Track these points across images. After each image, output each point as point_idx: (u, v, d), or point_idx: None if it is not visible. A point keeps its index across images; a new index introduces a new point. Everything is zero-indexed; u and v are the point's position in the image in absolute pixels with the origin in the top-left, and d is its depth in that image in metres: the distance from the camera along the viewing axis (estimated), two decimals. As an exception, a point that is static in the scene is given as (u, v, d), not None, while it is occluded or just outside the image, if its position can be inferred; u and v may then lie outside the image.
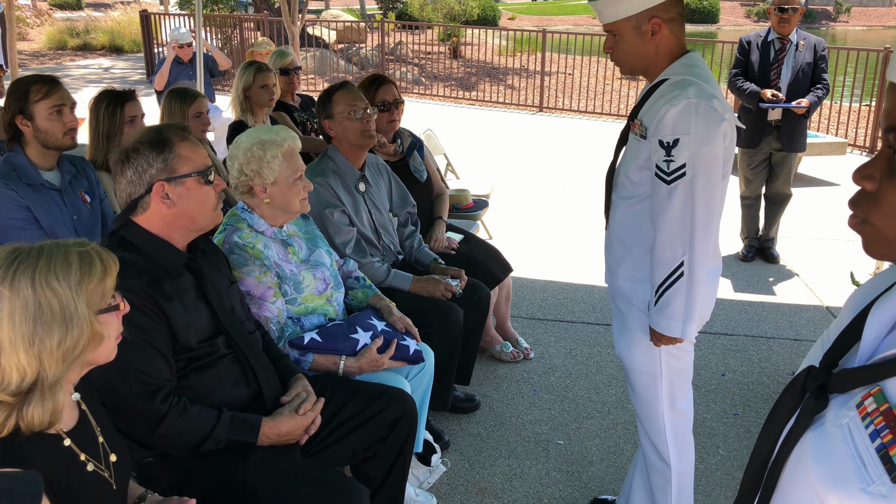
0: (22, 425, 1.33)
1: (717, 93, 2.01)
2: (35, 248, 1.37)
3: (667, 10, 2.03)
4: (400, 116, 3.80)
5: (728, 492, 2.96)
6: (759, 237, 5.60)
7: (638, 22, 2.04)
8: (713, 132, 1.96)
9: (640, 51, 2.08)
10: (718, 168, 2.00)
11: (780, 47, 5.09)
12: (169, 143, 1.96)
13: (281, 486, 1.93)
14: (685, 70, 2.04)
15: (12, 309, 1.30)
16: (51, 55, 16.87)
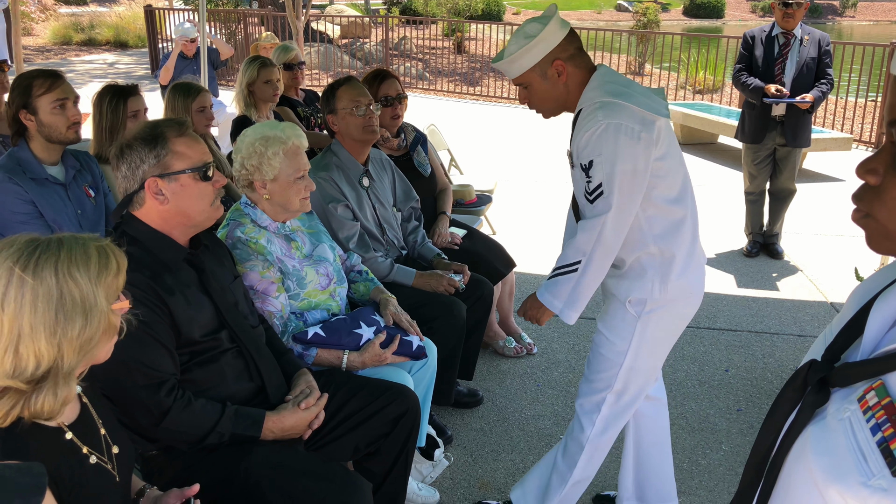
0: (27, 413, 1.33)
1: (630, 102, 2.11)
2: (53, 239, 1.37)
3: (564, 49, 2.18)
4: (403, 111, 3.80)
5: (731, 487, 2.96)
6: (763, 233, 5.59)
7: (542, 69, 2.19)
8: (625, 148, 2.08)
9: (553, 94, 2.24)
10: (637, 181, 2.12)
11: (785, 42, 5.07)
12: (163, 138, 1.95)
13: (284, 480, 1.94)
14: (594, 94, 2.17)
15: (35, 296, 1.30)
16: (56, 50, 16.89)
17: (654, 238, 2.23)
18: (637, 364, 2.36)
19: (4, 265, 1.31)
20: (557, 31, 2.19)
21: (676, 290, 2.28)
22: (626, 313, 2.32)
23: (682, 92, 12.54)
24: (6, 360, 1.30)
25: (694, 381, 3.76)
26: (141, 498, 1.74)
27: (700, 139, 9.28)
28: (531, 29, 2.19)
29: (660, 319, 2.32)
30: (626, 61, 14.19)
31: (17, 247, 1.33)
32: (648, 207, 2.21)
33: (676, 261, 2.25)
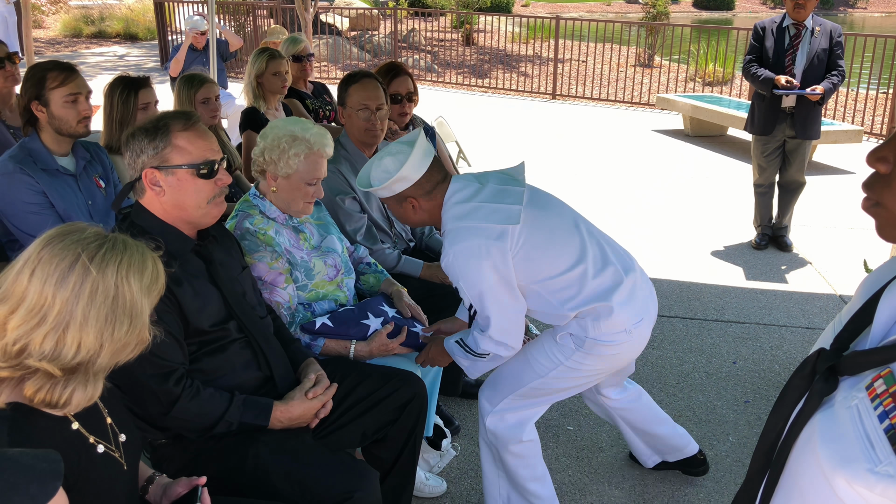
0: (51, 399, 1.35)
1: (475, 220, 2.17)
2: (119, 238, 1.40)
3: (421, 187, 2.25)
4: (412, 109, 3.80)
5: (738, 478, 2.96)
6: (772, 225, 5.57)
7: (398, 200, 2.29)
8: (477, 269, 2.16)
9: (411, 218, 2.33)
10: (504, 287, 2.20)
11: (796, 33, 5.04)
12: (165, 130, 1.95)
13: (292, 468, 1.95)
14: (445, 220, 2.26)
15: (95, 288, 1.33)
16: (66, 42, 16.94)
17: (570, 306, 2.27)
18: (551, 386, 2.40)
19: (72, 248, 1.34)
20: (415, 171, 2.22)
21: (620, 321, 2.27)
22: (562, 344, 2.35)
23: (691, 84, 12.49)
24: (47, 340, 1.31)
25: (701, 373, 3.76)
26: (150, 485, 1.76)
27: (709, 131, 9.24)
28: (390, 164, 2.24)
29: (597, 353, 2.31)
30: (636, 53, 14.14)
31: (87, 235, 1.36)
32: (545, 287, 2.26)
33: (605, 304, 2.26)
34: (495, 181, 2.31)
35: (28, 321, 1.30)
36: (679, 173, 7.62)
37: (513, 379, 2.44)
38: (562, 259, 2.26)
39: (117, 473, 1.52)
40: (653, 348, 4.00)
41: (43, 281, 1.31)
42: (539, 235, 2.24)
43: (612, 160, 8.15)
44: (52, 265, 1.32)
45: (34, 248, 1.34)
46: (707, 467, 2.94)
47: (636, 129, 9.82)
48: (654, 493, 2.87)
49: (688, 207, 6.50)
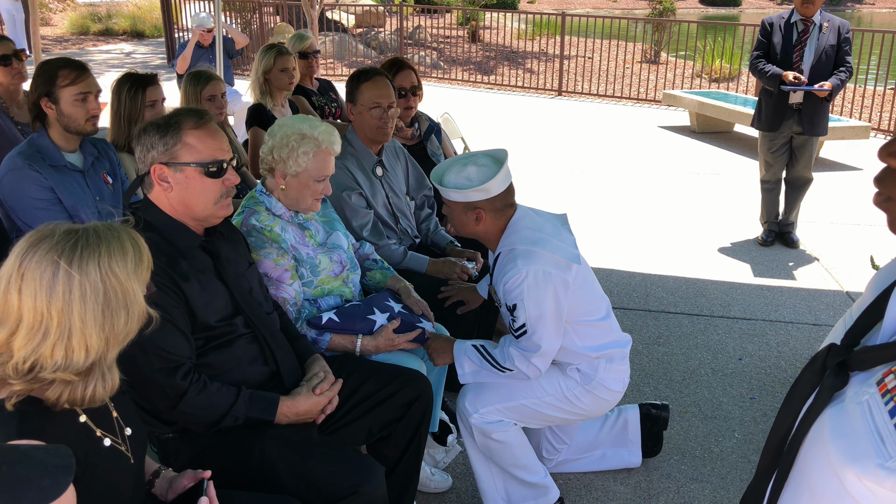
0: (74, 399, 1.37)
1: (545, 248, 2.30)
2: (90, 230, 1.39)
3: (492, 203, 2.36)
4: (417, 103, 3.80)
5: (743, 475, 2.96)
6: (778, 221, 5.55)
7: (466, 208, 2.38)
8: (545, 293, 2.29)
9: (468, 227, 2.43)
10: (558, 320, 2.35)
11: (804, 29, 5.02)
12: (176, 127, 1.97)
13: (298, 463, 1.96)
14: (512, 240, 2.36)
15: (83, 291, 1.33)
16: (73, 40, 16.98)
17: (593, 347, 2.48)
18: (541, 410, 2.51)
19: (48, 257, 1.33)
20: (497, 187, 2.34)
21: (624, 370, 2.54)
22: (569, 376, 2.52)
23: (697, 80, 12.45)
24: (57, 351, 1.33)
25: (707, 370, 3.76)
26: (156, 479, 1.77)
27: (716, 127, 9.22)
28: (474, 174, 2.34)
29: (595, 394, 2.51)
30: (642, 49, 14.10)
31: (58, 238, 1.35)
32: (577, 329, 2.45)
33: (620, 350, 2.54)
34: (550, 222, 2.46)
35: (32, 339, 1.32)
36: (685, 170, 7.60)
37: (505, 391, 2.49)
38: (596, 305, 2.50)
39: (124, 466, 1.53)
40: (658, 344, 4.00)
41: (33, 297, 1.31)
42: (584, 281, 2.45)
43: (618, 157, 8.13)
44: (35, 279, 1.31)
45: (12, 265, 1.34)
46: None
47: (642, 126, 9.80)
48: (660, 490, 2.87)
49: (694, 204, 6.49)
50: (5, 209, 2.75)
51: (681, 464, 3.02)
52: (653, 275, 4.95)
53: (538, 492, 2.61)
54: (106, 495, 1.47)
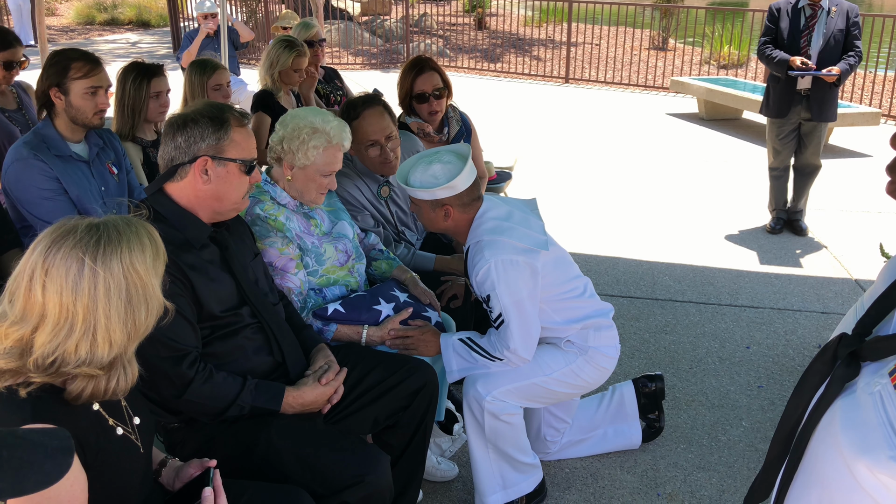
0: (98, 392, 1.40)
1: (511, 237, 2.34)
2: (111, 225, 1.41)
3: (459, 199, 2.39)
4: (443, 106, 3.59)
5: (751, 463, 2.95)
6: (787, 209, 5.52)
7: (433, 205, 2.41)
8: (514, 280, 2.33)
9: (436, 224, 2.46)
10: (531, 304, 2.38)
11: (811, 14, 4.97)
12: (227, 123, 1.99)
13: (303, 452, 1.97)
14: (478, 233, 2.40)
15: (108, 287, 1.35)
16: (79, 30, 16.99)
17: (573, 320, 2.54)
18: (549, 386, 2.54)
19: (73, 254, 1.34)
20: (463, 183, 2.37)
21: (614, 335, 2.61)
22: (567, 350, 2.58)
23: (706, 67, 12.36)
24: (81, 347, 1.35)
25: (714, 358, 3.75)
26: (163, 468, 1.79)
27: (724, 114, 9.16)
28: (440, 171, 2.37)
29: (595, 363, 2.57)
30: (650, 36, 14.00)
31: (81, 235, 1.37)
32: (553, 306, 2.51)
33: (604, 319, 2.59)
34: (519, 209, 2.49)
35: (57, 334, 1.34)
36: (693, 157, 7.56)
37: (514, 373, 2.51)
38: (572, 286, 2.55)
39: (134, 455, 1.55)
40: (666, 333, 3.99)
41: (59, 293, 1.33)
42: (557, 265, 2.50)
43: (626, 144, 8.10)
44: (61, 275, 1.33)
45: (36, 260, 1.35)
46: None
47: (650, 113, 9.75)
48: (667, 478, 2.87)
49: (702, 191, 6.45)
50: (11, 199, 2.76)
51: (688, 452, 3.02)
52: (660, 263, 4.93)
53: (528, 473, 2.65)
54: (116, 483, 1.49)
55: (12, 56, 3.58)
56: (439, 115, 3.62)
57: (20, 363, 1.34)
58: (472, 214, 2.44)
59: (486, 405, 2.48)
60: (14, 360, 1.34)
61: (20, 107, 3.75)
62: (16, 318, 1.34)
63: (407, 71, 3.59)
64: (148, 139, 3.35)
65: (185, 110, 2.07)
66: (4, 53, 3.54)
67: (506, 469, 2.60)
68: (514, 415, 2.53)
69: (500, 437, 2.54)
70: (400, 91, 3.65)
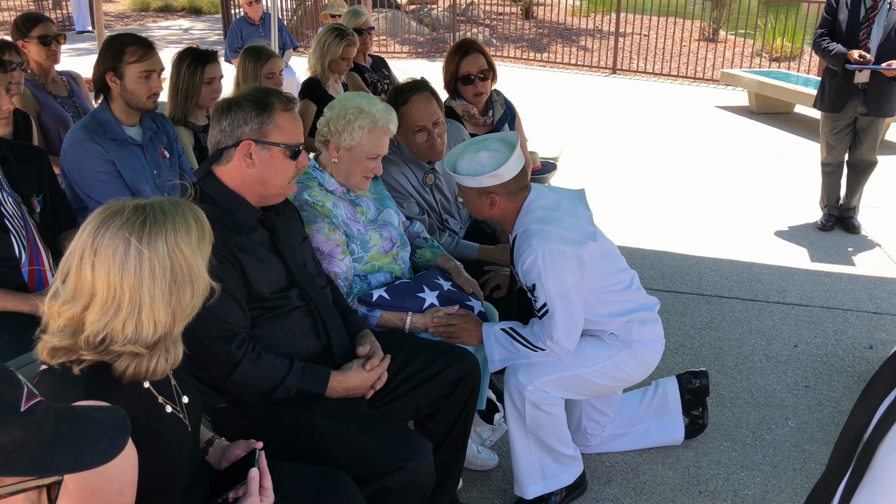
0: (140, 372, 1.43)
1: (559, 227, 2.32)
2: (156, 206, 1.43)
3: (506, 187, 2.39)
4: (488, 88, 3.60)
5: (796, 464, 2.90)
6: (839, 206, 5.38)
7: (479, 193, 2.41)
8: (561, 271, 2.31)
9: (482, 211, 2.46)
10: (577, 296, 2.37)
11: (872, 5, 4.82)
12: (271, 107, 2.00)
13: (347, 436, 1.99)
14: (525, 221, 2.39)
15: (152, 267, 1.38)
16: (134, 17, 17.34)
17: (618, 314, 2.52)
18: (592, 378, 2.53)
19: (120, 234, 1.37)
20: (509, 172, 2.36)
21: (658, 329, 2.58)
22: (610, 343, 2.56)
23: (757, 59, 12.09)
24: (128, 325, 1.38)
25: (761, 356, 3.68)
26: (210, 447, 1.82)
27: (776, 108, 8.96)
28: (486, 159, 2.36)
29: (639, 357, 2.54)
30: (700, 27, 13.74)
31: (128, 215, 1.39)
32: (600, 299, 2.48)
33: (649, 313, 2.56)
34: (567, 199, 2.47)
35: (105, 313, 1.36)
36: (743, 151, 7.41)
37: (557, 363, 2.50)
38: (618, 279, 2.52)
39: (182, 433, 1.58)
40: (711, 329, 3.93)
41: (106, 273, 1.35)
42: (604, 257, 2.48)
43: (674, 137, 7.97)
44: (108, 255, 1.35)
45: (86, 241, 1.37)
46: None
47: (699, 106, 9.58)
48: (709, 476, 2.83)
49: (751, 186, 6.33)
50: (69, 181, 2.83)
51: (731, 450, 2.98)
52: (707, 258, 4.86)
53: (569, 465, 2.64)
54: (165, 460, 1.52)
55: (45, 30, 3.69)
56: (484, 96, 3.63)
57: (73, 341, 1.38)
58: (518, 203, 2.43)
59: (527, 395, 2.48)
60: (67, 337, 1.38)
61: (71, 94, 3.86)
62: (67, 297, 1.37)
63: (452, 54, 3.60)
64: (199, 124, 3.41)
65: (232, 94, 2.10)
66: (36, 29, 3.65)
67: (546, 460, 2.59)
68: (555, 405, 2.52)
69: (541, 428, 2.54)
70: (445, 74, 3.66)
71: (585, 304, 2.44)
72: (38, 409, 0.98)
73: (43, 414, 0.98)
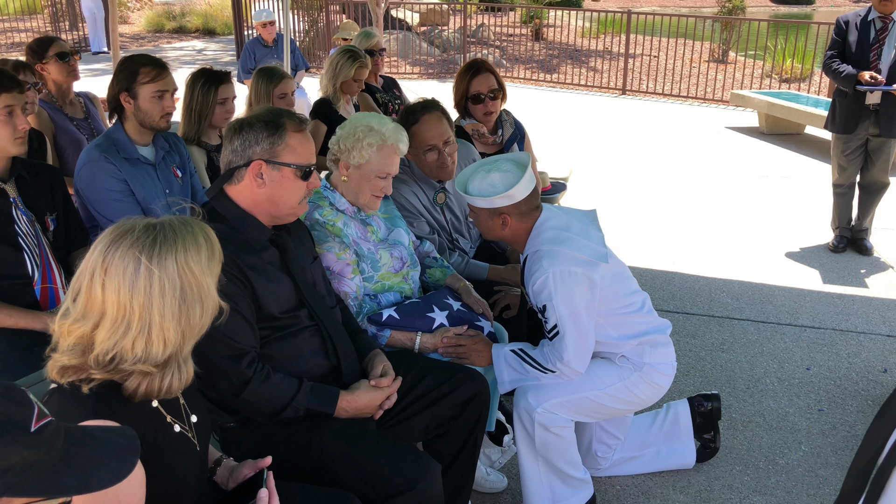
0: (152, 390, 1.43)
1: (570, 247, 2.31)
2: (167, 225, 1.43)
3: (517, 208, 2.38)
4: (497, 107, 3.65)
5: (810, 489, 2.86)
6: (851, 227, 5.35)
7: (491, 213, 2.40)
8: (572, 292, 2.30)
9: (493, 232, 2.45)
10: (588, 317, 2.35)
11: (882, 27, 4.83)
12: (282, 128, 2.01)
13: (356, 456, 1.98)
14: (537, 242, 2.38)
15: (162, 286, 1.38)
16: (149, 38, 17.56)
17: (629, 336, 2.49)
18: (602, 401, 2.50)
19: (130, 253, 1.37)
20: (521, 193, 2.36)
21: (670, 352, 2.55)
22: (621, 366, 2.53)
23: (767, 80, 12.10)
24: (138, 344, 1.38)
25: (773, 379, 3.65)
26: (218, 467, 1.82)
27: (786, 129, 8.94)
28: (498, 180, 2.36)
29: (650, 380, 2.51)
30: (710, 48, 13.78)
31: (138, 234, 1.40)
32: (611, 321, 2.46)
33: (661, 336, 2.53)
34: (578, 220, 2.47)
35: (115, 332, 1.37)
36: (753, 172, 7.40)
37: (567, 385, 2.48)
38: (629, 300, 2.50)
39: (190, 452, 1.57)
40: (722, 351, 3.90)
41: (116, 291, 1.35)
42: (615, 278, 2.46)
43: (684, 158, 7.97)
44: (118, 274, 1.36)
45: (96, 259, 1.38)
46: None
47: (709, 127, 9.58)
48: (721, 501, 2.80)
49: (762, 207, 6.31)
50: (82, 199, 2.85)
51: (743, 475, 2.94)
52: (718, 279, 4.83)
53: (579, 488, 2.61)
54: (173, 480, 1.51)
55: (61, 48, 3.75)
56: (494, 115, 3.67)
57: (82, 360, 1.38)
58: (530, 224, 2.42)
59: (536, 416, 2.47)
60: (77, 356, 1.38)
61: (87, 116, 3.90)
62: (78, 316, 1.37)
63: (463, 73, 3.64)
64: (212, 143, 3.43)
65: (245, 115, 2.11)
66: (52, 48, 3.72)
67: (555, 483, 2.57)
68: (564, 427, 2.50)
69: (551, 450, 2.52)
70: (456, 93, 3.70)
71: (596, 326, 2.43)
72: (48, 429, 0.98)
73: (53, 434, 0.98)
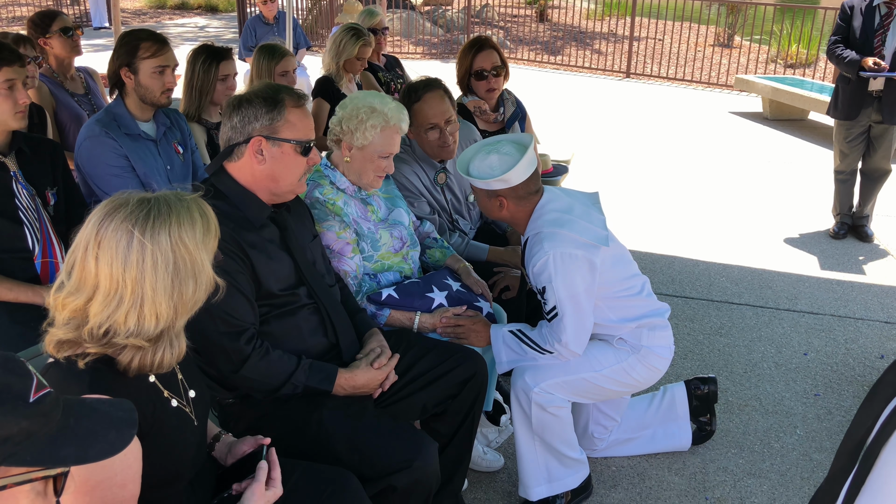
0: (144, 364, 1.43)
1: (571, 230, 2.31)
2: (161, 200, 1.43)
3: (515, 191, 2.37)
4: (500, 84, 3.65)
5: (804, 473, 2.88)
6: (852, 214, 5.35)
7: (489, 195, 2.41)
8: (572, 274, 2.31)
9: (491, 212, 2.45)
10: (587, 299, 2.36)
11: (887, 12, 4.79)
12: (281, 104, 2.01)
13: (353, 434, 1.99)
14: (538, 224, 2.38)
15: (155, 260, 1.37)
16: (151, 13, 17.44)
17: (628, 319, 2.50)
18: (599, 383, 2.51)
19: (123, 226, 1.37)
20: (517, 177, 2.35)
21: (668, 336, 2.56)
22: (619, 348, 2.54)
23: (772, 66, 12.03)
24: (130, 318, 1.38)
25: (770, 363, 3.66)
26: (216, 443, 1.83)
27: (789, 115, 8.91)
28: (496, 163, 2.35)
29: (647, 363, 2.53)
30: (715, 32, 13.69)
31: (132, 208, 1.39)
32: (610, 304, 2.47)
33: (660, 319, 2.54)
34: (580, 202, 2.46)
35: (108, 305, 1.36)
36: (756, 157, 7.38)
37: (565, 366, 2.50)
38: (629, 284, 2.50)
39: (188, 427, 1.58)
40: (720, 335, 3.91)
41: (109, 265, 1.35)
42: (616, 262, 2.47)
43: (687, 142, 7.95)
44: (111, 247, 1.36)
45: (90, 232, 1.38)
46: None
47: (713, 111, 9.54)
48: (715, 483, 2.82)
49: (763, 192, 6.30)
50: (83, 175, 2.85)
51: (738, 458, 2.97)
52: (717, 263, 4.84)
53: (574, 468, 2.64)
54: (170, 454, 1.52)
55: (64, 22, 3.73)
56: (496, 93, 3.66)
57: (77, 334, 1.38)
58: (528, 207, 2.42)
59: (533, 396, 2.48)
60: (72, 330, 1.38)
61: (87, 91, 3.89)
62: (72, 289, 1.37)
63: (467, 50, 3.62)
64: (213, 121, 3.42)
65: (243, 91, 2.10)
66: (56, 23, 3.70)
67: (552, 462, 2.59)
68: (561, 408, 2.51)
69: (547, 430, 2.54)
70: (459, 69, 3.69)
71: (595, 308, 2.44)
72: (47, 400, 0.98)
73: (51, 405, 0.99)
